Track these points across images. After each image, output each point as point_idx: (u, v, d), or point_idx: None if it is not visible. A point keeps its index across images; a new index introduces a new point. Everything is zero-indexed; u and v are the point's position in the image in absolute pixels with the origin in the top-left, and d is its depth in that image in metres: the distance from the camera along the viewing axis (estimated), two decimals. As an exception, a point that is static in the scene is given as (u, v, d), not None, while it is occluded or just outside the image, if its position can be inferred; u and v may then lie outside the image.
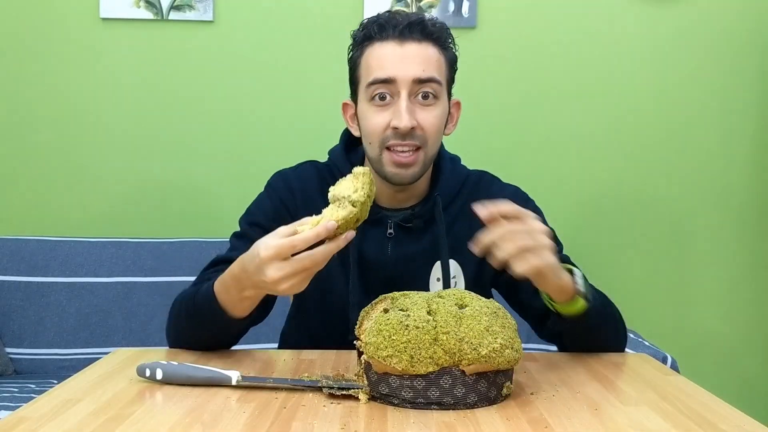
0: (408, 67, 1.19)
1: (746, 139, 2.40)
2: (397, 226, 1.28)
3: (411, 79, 1.19)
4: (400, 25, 1.21)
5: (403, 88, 1.19)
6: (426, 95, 1.21)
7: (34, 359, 2.10)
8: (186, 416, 0.88)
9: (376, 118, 1.22)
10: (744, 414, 0.92)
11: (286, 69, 2.36)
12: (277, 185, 1.33)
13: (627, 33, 2.37)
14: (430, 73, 1.20)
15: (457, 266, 1.29)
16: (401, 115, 1.18)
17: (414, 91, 1.20)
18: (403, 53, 1.20)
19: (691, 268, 2.43)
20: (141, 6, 2.31)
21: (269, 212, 1.30)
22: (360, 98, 1.25)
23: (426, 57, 1.21)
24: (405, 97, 1.19)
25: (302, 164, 1.37)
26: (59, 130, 2.35)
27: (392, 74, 1.19)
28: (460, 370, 0.92)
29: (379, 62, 1.21)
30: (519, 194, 1.35)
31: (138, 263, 2.16)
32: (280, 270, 0.99)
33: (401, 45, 1.21)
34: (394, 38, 1.21)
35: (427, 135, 1.22)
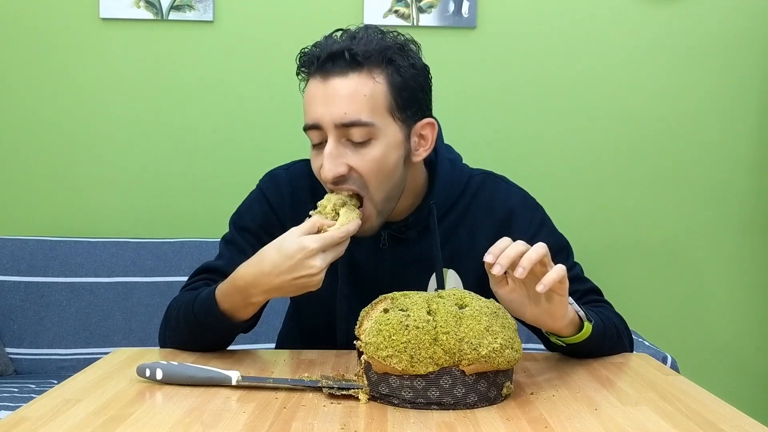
0: (330, 110, 1.07)
1: (746, 139, 2.40)
2: (390, 236, 1.23)
3: (334, 123, 1.07)
4: (321, 57, 1.08)
5: (329, 132, 1.08)
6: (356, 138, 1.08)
7: (34, 359, 2.10)
8: (186, 416, 0.88)
9: (315, 163, 1.14)
10: (744, 414, 0.92)
11: (286, 69, 2.33)
12: (267, 189, 1.28)
13: (627, 33, 2.37)
14: (354, 116, 1.07)
15: (457, 277, 1.24)
16: (324, 163, 1.08)
17: (342, 134, 1.09)
18: (325, 93, 1.08)
19: (691, 268, 2.43)
20: (141, 6, 2.31)
21: (258, 217, 1.27)
22: None
23: (349, 94, 1.07)
24: (331, 141, 1.08)
25: (296, 163, 1.31)
26: (59, 130, 2.35)
27: (316, 119, 1.09)
28: (460, 370, 0.92)
29: (306, 105, 1.11)
30: (526, 201, 1.28)
31: (138, 263, 2.16)
32: (324, 260, 1.04)
33: (324, 82, 1.08)
34: (317, 73, 1.09)
35: (365, 179, 1.10)
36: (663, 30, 2.37)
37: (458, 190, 1.26)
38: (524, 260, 0.97)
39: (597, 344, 1.14)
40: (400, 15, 2.31)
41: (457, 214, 1.25)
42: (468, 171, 1.29)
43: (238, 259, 1.19)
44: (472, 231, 1.25)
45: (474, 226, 1.25)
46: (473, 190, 1.26)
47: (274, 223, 1.26)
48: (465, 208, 1.26)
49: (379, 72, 1.09)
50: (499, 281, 1.03)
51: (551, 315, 1.04)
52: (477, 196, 1.26)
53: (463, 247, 1.25)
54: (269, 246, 1.07)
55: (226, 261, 1.25)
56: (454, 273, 1.24)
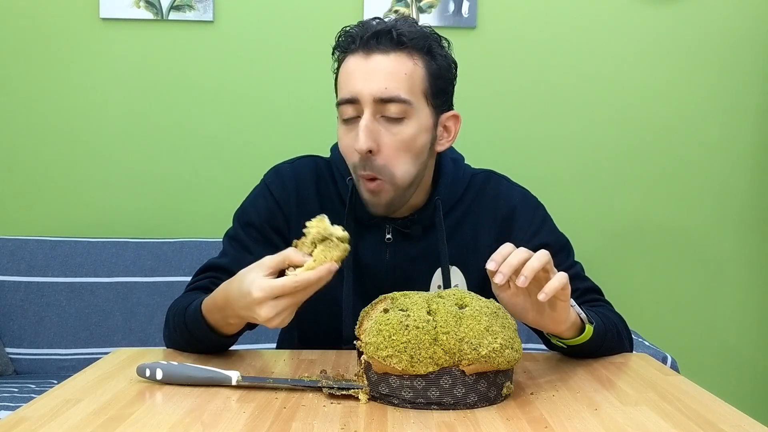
0: (370, 84, 1.10)
1: (746, 139, 2.40)
2: (395, 231, 1.24)
3: (373, 97, 1.10)
4: (366, 35, 1.11)
5: (366, 106, 1.11)
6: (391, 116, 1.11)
7: (34, 359, 2.10)
8: (186, 416, 0.88)
9: (345, 139, 1.16)
10: (744, 414, 0.92)
11: (286, 69, 2.36)
12: (272, 184, 1.28)
13: (627, 33, 2.37)
14: (393, 92, 1.10)
15: (460, 274, 1.25)
16: (359, 135, 1.10)
17: (378, 110, 1.11)
18: (367, 68, 1.11)
19: (692, 267, 2.43)
20: (141, 6, 2.31)
21: (262, 213, 1.26)
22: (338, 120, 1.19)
23: (392, 71, 1.10)
24: (367, 116, 1.11)
25: (300, 159, 1.32)
26: (59, 130, 2.35)
27: (354, 93, 1.11)
28: (460, 370, 0.92)
29: (344, 79, 1.13)
30: (528, 199, 1.30)
31: (138, 263, 2.16)
32: (273, 308, 0.96)
33: (366, 58, 1.11)
34: (360, 50, 1.12)
35: (388, 161, 1.13)
36: (663, 30, 2.37)
37: (461, 189, 1.27)
38: (526, 269, 0.96)
39: (598, 345, 1.14)
40: (400, 15, 2.31)
41: (460, 212, 1.26)
42: (470, 170, 1.31)
43: (242, 256, 1.19)
44: (474, 229, 1.26)
45: (477, 224, 1.26)
46: (476, 188, 1.28)
47: (279, 218, 1.26)
48: (468, 207, 1.27)
49: (418, 56, 1.13)
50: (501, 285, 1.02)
51: (553, 319, 1.04)
52: (480, 194, 1.28)
53: (465, 245, 1.26)
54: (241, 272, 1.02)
55: (230, 259, 1.24)
56: (458, 270, 1.25)
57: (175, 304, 1.22)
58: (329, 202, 1.27)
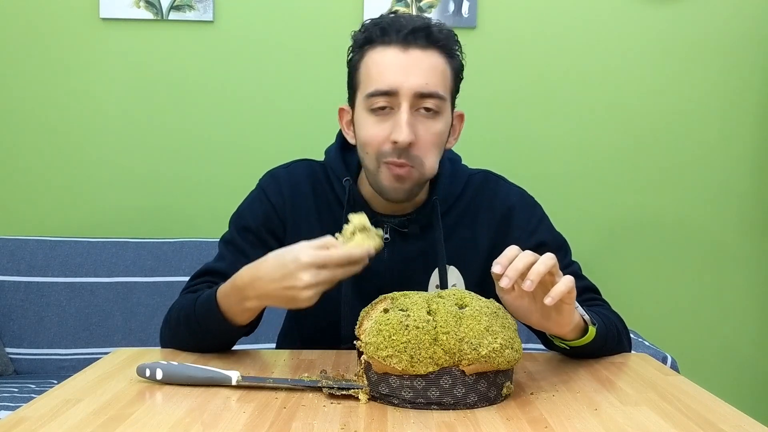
0: (411, 78, 1.12)
1: (746, 139, 2.40)
2: (393, 231, 1.24)
3: (413, 92, 1.12)
4: (404, 30, 1.12)
5: (404, 100, 1.12)
6: (428, 109, 1.14)
7: (34, 359, 2.10)
8: (186, 416, 0.88)
9: (374, 129, 1.15)
10: (744, 414, 0.92)
11: (286, 69, 2.36)
12: (268, 188, 1.29)
13: (627, 32, 2.37)
14: (433, 88, 1.13)
15: (458, 274, 1.25)
16: (401, 128, 1.11)
17: (415, 104, 1.13)
18: (407, 61, 1.12)
19: (692, 267, 2.43)
20: (141, 6, 2.31)
21: (259, 216, 1.27)
22: (358, 105, 1.18)
23: (430, 67, 1.13)
24: (406, 109, 1.12)
25: (295, 162, 1.33)
26: (59, 130, 2.35)
27: (394, 86, 1.12)
28: (460, 370, 0.92)
29: (380, 70, 1.13)
30: (525, 198, 1.30)
31: (138, 263, 2.16)
32: (314, 276, 1.00)
33: (405, 51, 1.13)
34: (397, 43, 1.13)
35: (422, 153, 1.15)
36: (663, 30, 2.37)
37: (459, 189, 1.28)
38: (532, 273, 0.95)
39: (600, 346, 1.14)
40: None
41: (457, 211, 1.27)
42: (468, 170, 1.32)
43: (239, 260, 1.19)
44: (472, 228, 1.27)
45: (474, 224, 1.27)
46: (473, 188, 1.29)
47: (276, 222, 1.27)
48: (466, 207, 1.28)
49: (448, 55, 1.17)
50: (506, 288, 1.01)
51: (558, 322, 1.04)
52: (477, 194, 1.28)
53: (464, 245, 1.26)
54: (274, 252, 1.06)
55: (227, 264, 1.24)
56: (455, 270, 1.25)
57: (178, 303, 1.22)
58: (325, 204, 1.28)
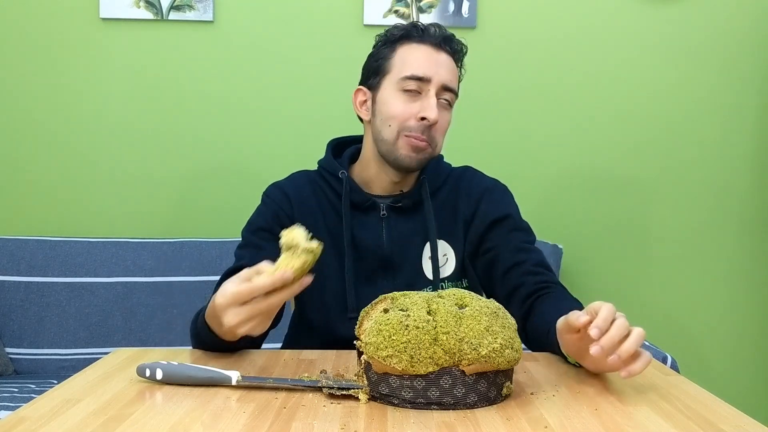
0: (441, 72, 1.35)
1: (747, 138, 2.40)
2: (389, 208, 1.39)
3: (441, 84, 1.35)
4: (438, 35, 1.37)
5: (433, 87, 1.34)
6: (446, 100, 1.37)
7: (34, 359, 2.10)
8: (186, 416, 0.88)
9: (403, 106, 1.35)
10: (744, 414, 0.92)
11: (286, 69, 2.36)
12: (273, 195, 1.42)
13: (627, 32, 2.37)
14: (453, 84, 1.37)
15: (448, 246, 1.40)
16: (432, 109, 1.33)
17: (439, 93, 1.35)
18: (439, 59, 1.36)
19: (691, 268, 2.43)
20: (141, 6, 2.31)
21: (269, 216, 1.38)
22: (386, 87, 1.37)
23: (452, 69, 1.38)
24: (434, 94, 1.34)
25: (293, 174, 1.46)
26: (59, 130, 2.36)
27: (429, 74, 1.34)
28: (460, 370, 0.92)
29: (417, 60, 1.35)
30: (499, 184, 1.46)
31: (138, 263, 2.16)
32: (236, 315, 1.02)
33: (437, 51, 1.36)
34: (432, 44, 1.36)
35: (437, 135, 1.37)
36: (663, 30, 2.37)
37: (443, 178, 1.45)
38: (623, 350, 0.94)
39: None
40: (400, 15, 2.31)
41: (443, 196, 1.43)
42: (449, 166, 1.50)
43: (257, 254, 1.25)
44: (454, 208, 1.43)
45: (456, 204, 1.44)
46: (455, 177, 1.47)
47: (284, 218, 1.37)
48: (449, 191, 1.44)
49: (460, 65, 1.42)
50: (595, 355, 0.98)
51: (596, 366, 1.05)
52: (458, 181, 1.46)
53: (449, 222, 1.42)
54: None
55: (247, 260, 1.26)
56: (446, 243, 1.40)
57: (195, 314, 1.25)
58: (325, 198, 1.41)
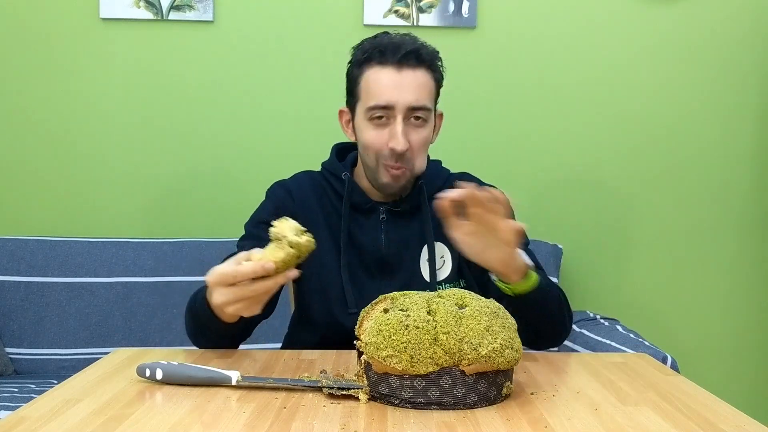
0: (404, 95, 1.31)
1: (746, 138, 2.40)
2: (388, 211, 1.40)
3: (406, 106, 1.31)
4: (398, 53, 1.31)
5: (399, 113, 1.31)
6: (417, 118, 1.33)
7: (34, 359, 2.10)
8: (186, 416, 0.88)
9: (374, 136, 1.33)
10: (744, 414, 0.92)
11: (286, 69, 2.36)
12: (276, 191, 1.44)
13: (627, 33, 2.37)
14: (422, 102, 1.32)
15: (445, 248, 1.40)
16: (398, 138, 1.31)
17: (408, 115, 1.32)
18: (401, 81, 1.31)
19: (692, 268, 2.43)
20: (141, 6, 2.31)
21: (271, 211, 1.38)
22: (358, 114, 1.36)
23: (420, 84, 1.32)
24: (400, 121, 1.31)
25: (297, 174, 1.48)
26: (59, 130, 2.35)
27: (391, 101, 1.31)
28: (460, 370, 0.92)
29: (378, 88, 1.32)
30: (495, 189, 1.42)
31: (138, 263, 2.16)
32: (222, 295, 1.06)
33: (399, 72, 1.31)
34: (392, 64, 1.31)
35: (414, 156, 1.34)
36: (663, 30, 2.37)
37: (441, 183, 1.44)
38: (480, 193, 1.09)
39: (541, 301, 1.22)
40: (400, 15, 2.31)
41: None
42: (448, 171, 1.50)
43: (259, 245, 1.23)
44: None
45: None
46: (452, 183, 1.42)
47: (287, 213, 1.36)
48: None
49: (432, 70, 1.36)
50: (455, 225, 1.15)
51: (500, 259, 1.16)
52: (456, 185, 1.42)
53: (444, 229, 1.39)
54: None
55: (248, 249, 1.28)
56: (443, 245, 1.40)
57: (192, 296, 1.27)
58: (327, 199, 1.43)
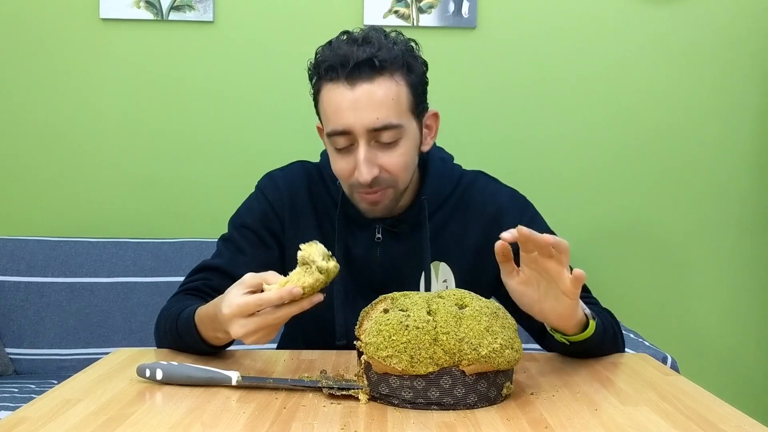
0: (361, 116, 1.11)
1: (746, 138, 2.40)
2: (384, 231, 1.27)
3: (366, 128, 1.12)
4: (347, 65, 1.11)
5: (360, 137, 1.13)
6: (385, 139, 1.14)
7: (34, 359, 2.10)
8: (186, 416, 0.88)
9: (340, 164, 1.18)
10: (744, 414, 0.92)
11: (286, 69, 2.36)
12: (266, 188, 1.32)
13: (627, 33, 2.37)
14: (384, 120, 1.12)
15: (448, 269, 1.27)
16: (360, 168, 1.13)
17: (372, 137, 1.14)
18: (354, 99, 1.11)
19: (692, 268, 2.43)
20: (141, 6, 2.31)
21: (257, 215, 1.30)
22: (325, 136, 1.20)
23: (379, 100, 1.11)
24: (363, 146, 1.13)
25: (292, 164, 1.36)
26: (59, 130, 2.35)
27: (347, 125, 1.13)
28: (460, 370, 0.92)
29: (332, 111, 1.14)
30: (517, 198, 1.32)
31: (138, 263, 2.16)
32: (243, 327, 0.99)
33: (352, 88, 1.12)
34: (343, 80, 1.12)
35: (394, 175, 1.17)
36: (663, 30, 2.37)
37: (449, 187, 1.30)
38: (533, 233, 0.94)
39: (598, 344, 1.14)
40: (400, 15, 2.31)
41: (448, 209, 1.29)
42: (459, 170, 1.34)
43: (236, 257, 1.23)
44: (462, 226, 1.28)
45: (464, 222, 1.29)
46: (464, 187, 1.31)
47: (274, 221, 1.29)
48: (455, 204, 1.29)
49: (399, 75, 1.14)
50: (510, 272, 1.01)
51: (559, 313, 1.03)
52: (467, 192, 1.30)
53: (453, 242, 1.28)
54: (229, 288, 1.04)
55: (225, 260, 1.26)
56: (446, 265, 1.27)
57: (168, 308, 1.22)
58: (321, 204, 1.30)
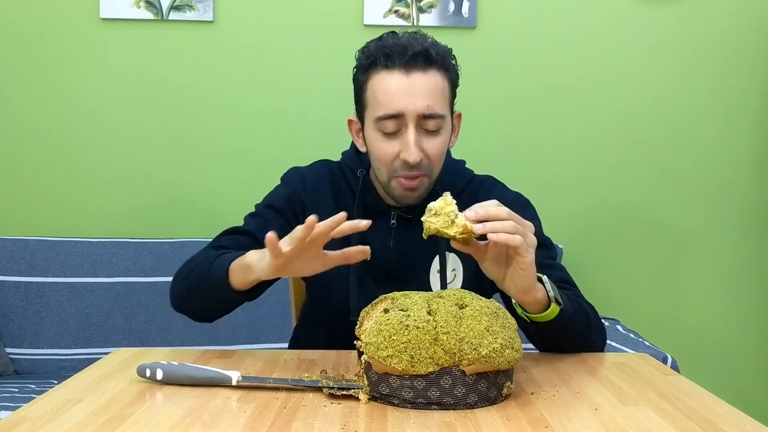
0: (415, 102, 1.21)
1: (746, 138, 2.40)
2: (399, 217, 1.33)
3: (418, 114, 1.21)
4: (405, 55, 1.21)
5: (410, 121, 1.22)
6: (431, 126, 1.23)
7: (34, 359, 2.10)
8: (186, 416, 0.88)
9: (385, 147, 1.25)
10: (744, 414, 0.92)
11: (286, 69, 2.36)
12: (292, 177, 1.39)
13: (627, 33, 2.37)
14: (434, 109, 1.22)
15: (457, 260, 1.33)
16: (410, 149, 1.21)
17: (420, 123, 1.23)
18: (410, 85, 1.21)
19: (692, 268, 2.43)
20: (141, 6, 2.31)
21: (283, 198, 1.36)
22: (367, 124, 1.27)
23: (431, 89, 1.22)
24: (412, 129, 1.22)
25: (315, 162, 1.43)
26: (59, 130, 2.35)
27: (400, 109, 1.21)
28: (461, 370, 0.92)
29: (386, 96, 1.22)
30: (519, 200, 1.38)
31: (138, 263, 2.16)
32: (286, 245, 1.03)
33: (407, 75, 1.21)
34: (400, 68, 1.21)
35: (432, 163, 1.25)
36: (663, 30, 2.37)
37: (461, 185, 1.37)
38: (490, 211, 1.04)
39: (563, 330, 1.16)
40: (400, 15, 2.31)
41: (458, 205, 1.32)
42: (471, 173, 1.42)
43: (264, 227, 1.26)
44: None
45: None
46: (473, 187, 1.38)
47: (297, 205, 1.36)
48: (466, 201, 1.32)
49: (444, 71, 1.25)
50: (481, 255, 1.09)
51: (517, 285, 1.08)
52: (476, 192, 1.36)
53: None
54: None
55: (254, 226, 1.31)
56: (455, 256, 1.32)
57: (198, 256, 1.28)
58: (341, 194, 1.37)
